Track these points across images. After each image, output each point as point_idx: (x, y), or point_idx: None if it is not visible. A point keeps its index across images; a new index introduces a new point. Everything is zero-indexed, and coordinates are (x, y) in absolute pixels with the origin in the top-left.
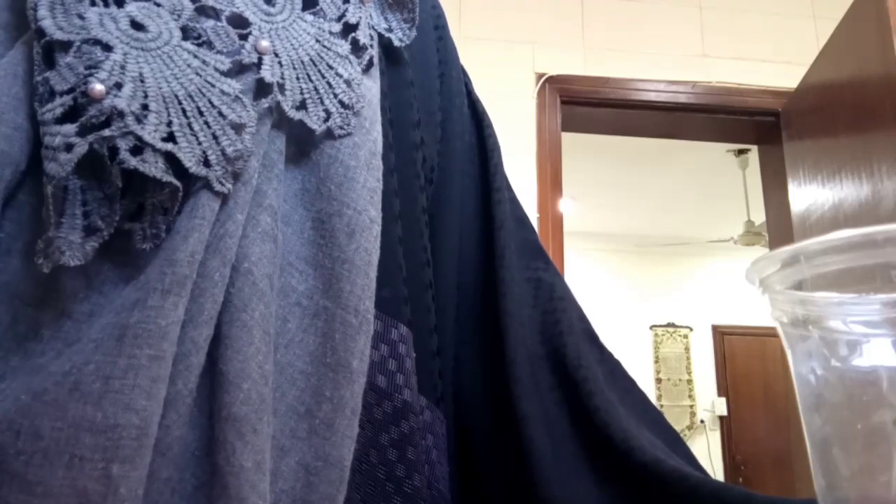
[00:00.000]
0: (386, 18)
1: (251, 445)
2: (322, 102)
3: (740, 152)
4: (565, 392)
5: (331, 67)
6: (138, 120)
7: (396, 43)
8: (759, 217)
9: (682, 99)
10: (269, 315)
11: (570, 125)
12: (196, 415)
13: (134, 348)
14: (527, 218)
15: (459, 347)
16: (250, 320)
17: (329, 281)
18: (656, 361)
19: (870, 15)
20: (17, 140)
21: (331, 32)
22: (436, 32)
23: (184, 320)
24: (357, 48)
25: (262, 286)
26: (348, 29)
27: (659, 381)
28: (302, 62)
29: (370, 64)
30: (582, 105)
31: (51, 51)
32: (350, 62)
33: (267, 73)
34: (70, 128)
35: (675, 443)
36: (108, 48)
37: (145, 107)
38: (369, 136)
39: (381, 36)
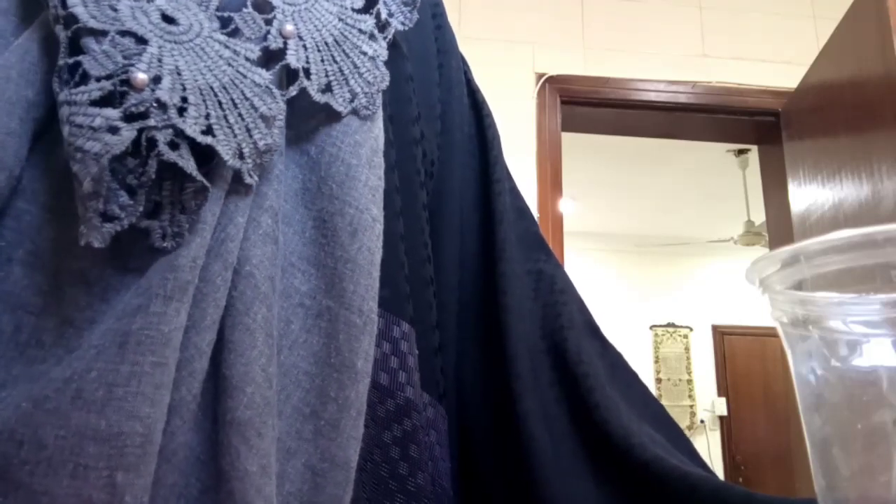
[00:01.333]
0: (385, 3)
1: (256, 449)
2: (347, 83)
3: (740, 152)
4: (566, 388)
5: (355, 46)
6: (179, 113)
7: (399, 27)
8: (759, 217)
9: (682, 99)
10: (272, 317)
11: (570, 125)
12: (201, 420)
13: (137, 355)
14: (527, 208)
15: (460, 342)
16: (253, 324)
17: (332, 281)
18: (656, 361)
19: (870, 15)
20: (11, 145)
21: (353, 9)
22: (434, 21)
23: (187, 325)
24: (379, 22)
25: (264, 289)
26: (371, 3)
27: (659, 381)
28: (326, 43)
29: (392, 38)
30: (582, 105)
31: (76, 39)
32: (375, 38)
33: (293, 59)
34: (112, 112)
35: (677, 438)
36: (142, 41)
37: (184, 99)
38: (371, 134)
39: None
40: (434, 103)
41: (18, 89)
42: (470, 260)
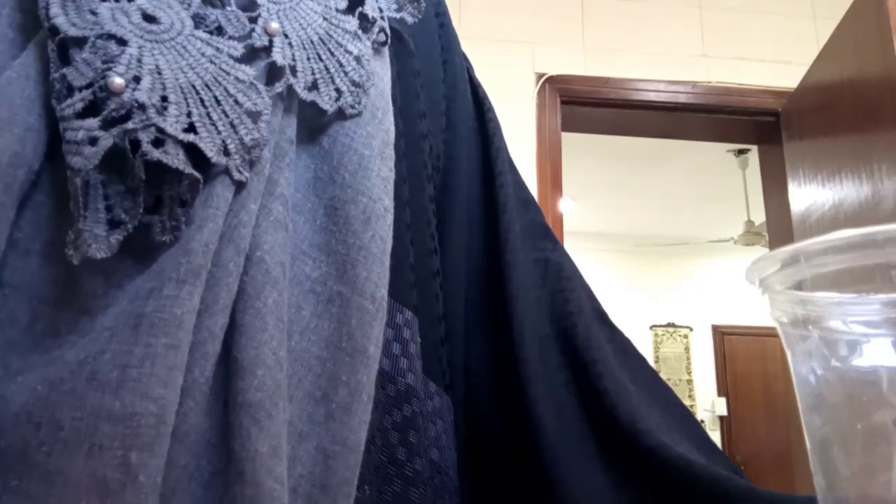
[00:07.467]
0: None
1: (266, 431)
2: (333, 81)
3: (740, 152)
4: (574, 373)
5: (340, 45)
6: (159, 112)
7: (410, 20)
8: (759, 217)
9: (682, 99)
10: (283, 302)
11: (570, 125)
12: (212, 402)
13: (150, 337)
14: (532, 199)
15: (467, 332)
16: (263, 308)
17: (343, 267)
18: (656, 361)
19: (870, 15)
20: (30, 141)
21: (337, 9)
22: (437, 20)
23: (199, 309)
24: (365, 22)
25: (275, 274)
26: (355, 4)
27: None
28: (311, 41)
29: (382, 36)
30: (582, 105)
31: (65, 48)
32: (359, 38)
33: (278, 56)
34: (92, 122)
35: (687, 422)
36: (122, 42)
37: (164, 98)
38: (382, 126)
39: (390, 23)
40: (439, 99)
41: (38, 87)
42: (475, 251)
